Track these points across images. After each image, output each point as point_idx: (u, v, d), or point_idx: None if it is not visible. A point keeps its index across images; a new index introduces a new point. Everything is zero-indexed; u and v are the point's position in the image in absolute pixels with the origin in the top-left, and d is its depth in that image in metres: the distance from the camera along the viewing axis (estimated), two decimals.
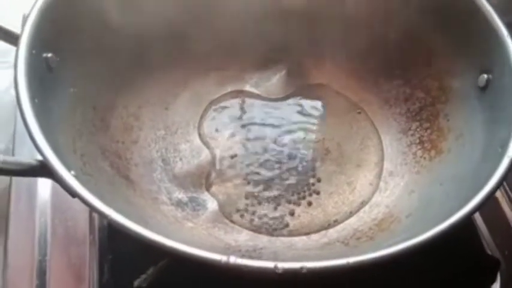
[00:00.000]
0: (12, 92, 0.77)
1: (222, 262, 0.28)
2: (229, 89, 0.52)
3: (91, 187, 0.31)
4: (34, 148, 0.48)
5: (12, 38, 0.39)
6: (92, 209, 0.29)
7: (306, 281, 0.37)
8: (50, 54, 0.38)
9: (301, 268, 0.28)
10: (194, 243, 0.29)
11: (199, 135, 0.49)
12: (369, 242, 0.41)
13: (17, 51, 0.36)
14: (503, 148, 0.34)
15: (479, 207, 0.32)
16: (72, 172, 0.31)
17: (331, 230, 0.44)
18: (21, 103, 0.32)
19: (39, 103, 0.34)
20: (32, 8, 0.38)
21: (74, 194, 0.30)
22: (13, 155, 0.50)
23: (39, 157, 0.32)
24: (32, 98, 0.34)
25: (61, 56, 0.39)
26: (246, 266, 0.28)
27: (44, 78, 0.37)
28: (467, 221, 0.45)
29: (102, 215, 0.29)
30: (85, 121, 0.41)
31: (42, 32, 0.37)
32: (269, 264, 0.28)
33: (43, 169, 0.32)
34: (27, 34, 0.36)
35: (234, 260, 0.28)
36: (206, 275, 0.38)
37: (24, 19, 0.55)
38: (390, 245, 0.30)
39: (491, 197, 0.32)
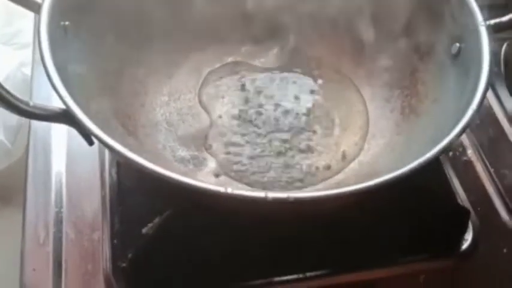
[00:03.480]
0: (24, 70, 0.82)
1: (221, 192, 0.33)
2: (228, 60, 0.56)
3: None
4: (47, 125, 0.52)
5: (32, 5, 0.43)
6: (110, 148, 0.34)
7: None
8: (67, 22, 0.42)
9: (288, 197, 0.33)
10: None
11: (200, 101, 0.54)
12: None
13: (39, 17, 0.40)
14: (468, 103, 0.39)
15: (445, 150, 0.37)
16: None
17: (319, 185, 0.48)
18: (44, 58, 0.37)
19: (57, 64, 0.39)
20: None
21: (92, 135, 0.34)
22: (29, 128, 0.55)
23: None
24: (53, 57, 0.38)
25: (76, 24, 0.43)
26: (241, 195, 0.33)
27: (61, 43, 0.41)
28: (435, 164, 0.49)
29: (118, 154, 0.34)
30: (98, 84, 0.45)
31: (61, 2, 0.42)
32: (260, 194, 0.33)
33: (65, 116, 0.36)
34: (47, 3, 0.41)
35: (231, 190, 0.33)
36: (205, 223, 0.43)
37: None
38: None
39: (456, 140, 0.37)
